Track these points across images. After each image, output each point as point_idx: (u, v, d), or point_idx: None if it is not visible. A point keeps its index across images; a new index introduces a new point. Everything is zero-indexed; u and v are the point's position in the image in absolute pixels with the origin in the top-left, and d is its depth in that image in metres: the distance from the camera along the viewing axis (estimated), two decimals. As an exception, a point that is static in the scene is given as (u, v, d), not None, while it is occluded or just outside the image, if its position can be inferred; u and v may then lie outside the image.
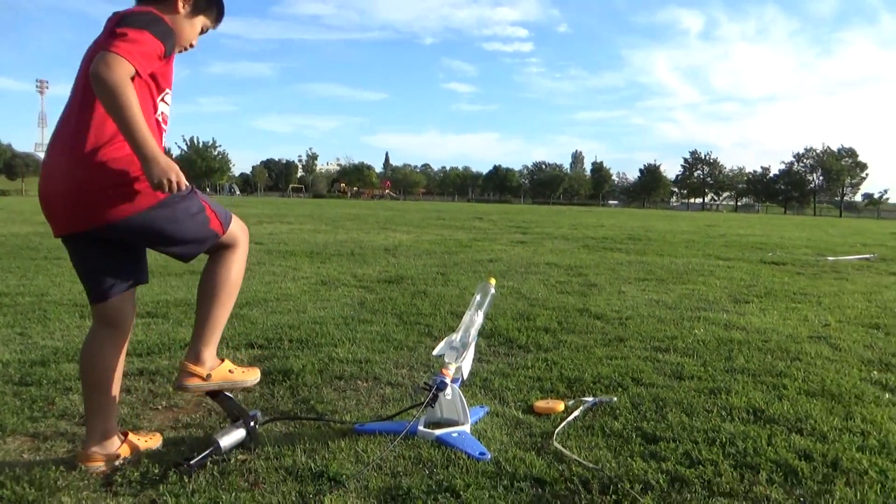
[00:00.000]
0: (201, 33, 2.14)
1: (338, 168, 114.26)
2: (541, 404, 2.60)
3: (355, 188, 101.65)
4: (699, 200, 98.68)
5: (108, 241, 1.96)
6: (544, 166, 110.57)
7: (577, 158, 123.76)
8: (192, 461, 1.99)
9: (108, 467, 1.99)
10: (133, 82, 1.72)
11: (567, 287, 5.87)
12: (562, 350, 3.52)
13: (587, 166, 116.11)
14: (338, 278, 6.14)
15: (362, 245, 9.80)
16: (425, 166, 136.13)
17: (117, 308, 2.01)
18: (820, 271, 7.89)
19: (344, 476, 1.96)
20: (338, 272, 6.60)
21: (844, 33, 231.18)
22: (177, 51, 2.02)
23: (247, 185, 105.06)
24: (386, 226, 15.28)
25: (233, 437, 2.14)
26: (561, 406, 2.58)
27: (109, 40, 1.73)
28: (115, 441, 2.04)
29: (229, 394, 2.24)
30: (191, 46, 2.10)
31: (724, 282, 6.57)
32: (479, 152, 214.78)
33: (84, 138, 1.81)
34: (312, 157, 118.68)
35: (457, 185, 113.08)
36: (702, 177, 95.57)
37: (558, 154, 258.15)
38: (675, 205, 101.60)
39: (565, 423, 2.41)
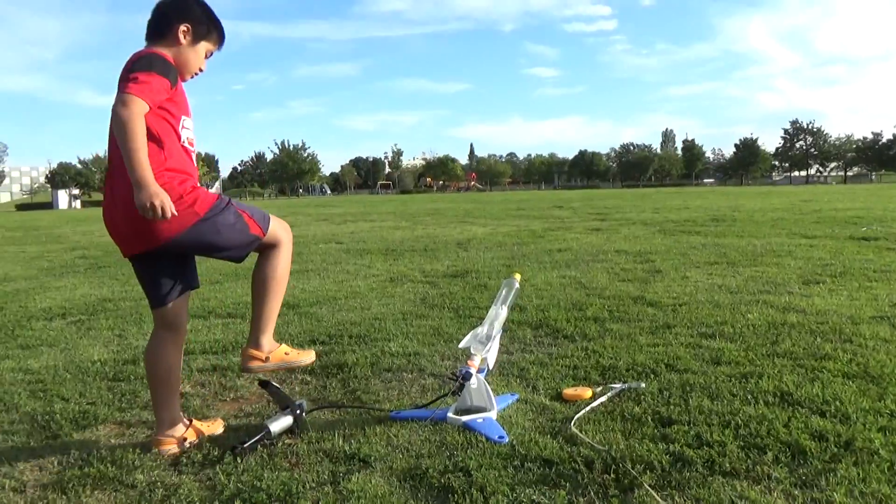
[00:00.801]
0: (207, 57, 2.42)
1: (423, 162, 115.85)
2: (569, 391, 2.74)
3: (441, 181, 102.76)
4: (804, 174, 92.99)
5: (164, 256, 2.28)
6: (632, 147, 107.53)
7: (667, 137, 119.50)
8: (245, 444, 2.29)
9: (177, 450, 2.32)
10: (152, 116, 2.07)
11: (630, 274, 5.89)
12: (605, 339, 3.62)
13: (678, 145, 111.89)
14: (406, 274, 6.42)
15: (436, 240, 10.08)
16: (510, 155, 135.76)
17: (174, 312, 2.34)
18: (914, 246, 7.44)
19: (373, 458, 2.20)
20: (407, 268, 6.89)
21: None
22: (187, 78, 2.33)
23: (337, 184, 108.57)
24: (464, 219, 15.53)
25: (281, 423, 2.42)
26: (589, 393, 2.70)
27: (124, 84, 2.05)
28: (181, 427, 2.37)
29: (278, 386, 2.53)
30: (200, 71, 2.39)
31: (801, 262, 6.35)
32: (565, 138, 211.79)
33: None
34: (398, 153, 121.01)
35: (542, 172, 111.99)
36: (804, 147, 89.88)
37: (649, 133, 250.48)
38: (776, 179, 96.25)
39: (588, 408, 2.54)
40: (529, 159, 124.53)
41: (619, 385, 2.78)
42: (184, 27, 2.29)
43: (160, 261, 2.29)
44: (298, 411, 2.48)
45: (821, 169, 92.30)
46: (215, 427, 2.50)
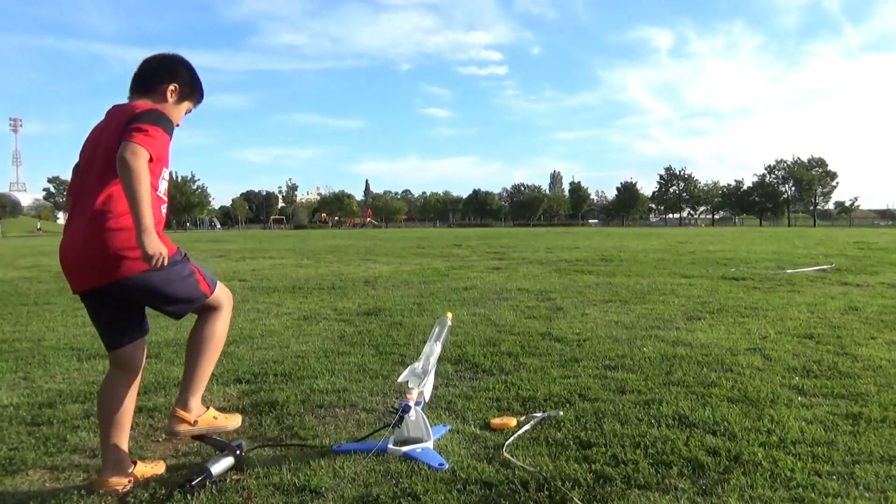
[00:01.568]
0: (186, 114, 2.60)
1: (318, 197, 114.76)
2: (496, 421, 2.98)
3: (336, 217, 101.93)
4: (677, 216, 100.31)
5: (116, 297, 2.33)
6: (523, 188, 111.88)
7: (555, 179, 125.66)
8: (194, 482, 2.34)
9: (122, 491, 2.34)
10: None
11: (535, 312, 6.28)
12: (521, 372, 3.91)
13: (566, 186, 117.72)
14: (319, 312, 6.49)
15: (343, 278, 10.16)
16: (406, 192, 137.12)
17: (130, 354, 2.38)
18: (776, 284, 8.39)
19: (323, 488, 2.32)
20: (319, 306, 6.96)
21: (810, 46, 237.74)
22: None
23: (227, 218, 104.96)
24: (366, 257, 15.65)
25: (222, 464, 2.48)
26: (513, 422, 2.96)
27: (132, 133, 2.14)
28: (128, 467, 2.39)
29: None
30: (177, 126, 2.51)
31: (683, 299, 7.02)
32: (459, 176, 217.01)
33: (103, 211, 2.21)
34: (292, 187, 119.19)
35: (437, 210, 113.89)
36: (677, 192, 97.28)
37: (539, 174, 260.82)
38: (653, 221, 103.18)
39: (515, 436, 2.79)
40: (425, 197, 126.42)
41: (540, 414, 3.06)
42: (172, 87, 2.45)
43: (113, 302, 2.33)
44: (238, 451, 2.54)
45: (692, 212, 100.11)
46: (158, 468, 2.53)
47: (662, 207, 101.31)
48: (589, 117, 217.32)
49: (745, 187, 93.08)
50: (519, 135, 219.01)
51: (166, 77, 2.44)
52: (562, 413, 3.08)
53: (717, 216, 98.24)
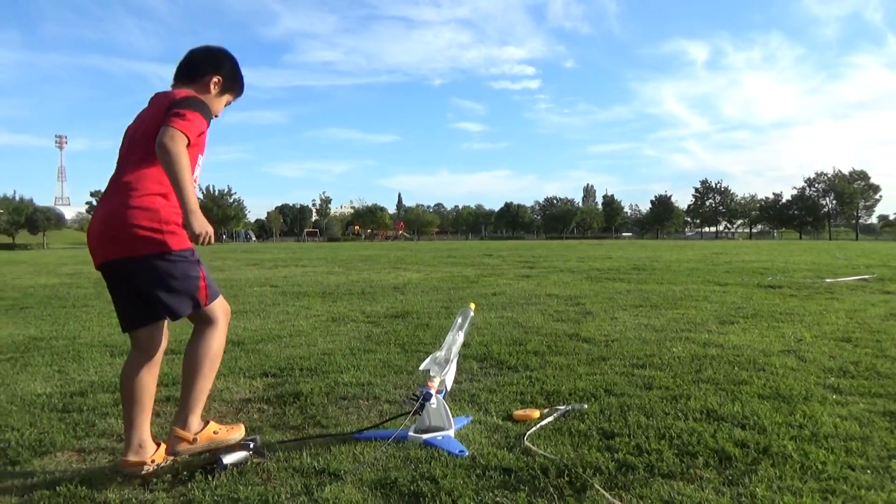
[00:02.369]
0: (226, 105, 2.67)
1: (351, 211, 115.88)
2: (519, 412, 2.94)
3: (369, 230, 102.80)
4: (714, 229, 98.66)
5: (126, 279, 2.34)
6: (556, 201, 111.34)
7: (588, 192, 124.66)
8: (217, 464, 2.35)
9: (145, 471, 2.36)
10: None
11: (563, 315, 6.22)
12: (546, 369, 3.87)
13: (599, 199, 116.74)
14: (347, 315, 6.53)
15: (373, 284, 10.21)
16: (438, 205, 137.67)
17: (144, 337, 2.40)
18: (814, 292, 8.16)
19: (343, 472, 2.32)
20: (348, 309, 7.00)
21: (851, 57, 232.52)
22: None
23: (262, 230, 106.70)
24: (397, 265, 15.71)
25: (236, 456, 2.45)
26: (537, 413, 2.92)
27: (172, 119, 2.19)
28: (150, 449, 2.41)
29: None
30: (216, 116, 2.58)
31: (716, 305, 6.88)
32: (491, 190, 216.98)
33: (131, 189, 2.27)
34: (326, 200, 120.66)
35: (469, 223, 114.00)
36: (713, 205, 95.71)
37: (572, 188, 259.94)
38: (689, 234, 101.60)
39: (538, 426, 2.75)
40: (457, 210, 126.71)
41: (564, 406, 3.01)
42: (216, 79, 2.52)
43: (126, 284, 2.35)
44: (252, 444, 2.51)
45: (728, 225, 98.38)
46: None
47: (698, 220, 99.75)
48: (622, 130, 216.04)
49: (783, 200, 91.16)
50: (551, 148, 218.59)
51: (210, 69, 2.51)
52: (586, 406, 3.03)
53: (755, 230, 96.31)
